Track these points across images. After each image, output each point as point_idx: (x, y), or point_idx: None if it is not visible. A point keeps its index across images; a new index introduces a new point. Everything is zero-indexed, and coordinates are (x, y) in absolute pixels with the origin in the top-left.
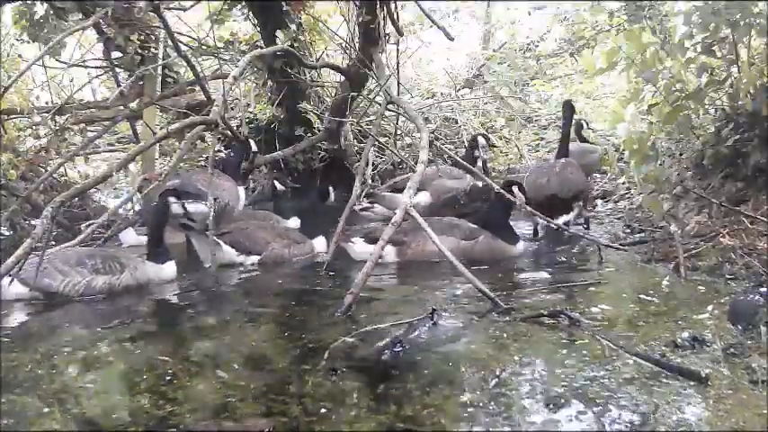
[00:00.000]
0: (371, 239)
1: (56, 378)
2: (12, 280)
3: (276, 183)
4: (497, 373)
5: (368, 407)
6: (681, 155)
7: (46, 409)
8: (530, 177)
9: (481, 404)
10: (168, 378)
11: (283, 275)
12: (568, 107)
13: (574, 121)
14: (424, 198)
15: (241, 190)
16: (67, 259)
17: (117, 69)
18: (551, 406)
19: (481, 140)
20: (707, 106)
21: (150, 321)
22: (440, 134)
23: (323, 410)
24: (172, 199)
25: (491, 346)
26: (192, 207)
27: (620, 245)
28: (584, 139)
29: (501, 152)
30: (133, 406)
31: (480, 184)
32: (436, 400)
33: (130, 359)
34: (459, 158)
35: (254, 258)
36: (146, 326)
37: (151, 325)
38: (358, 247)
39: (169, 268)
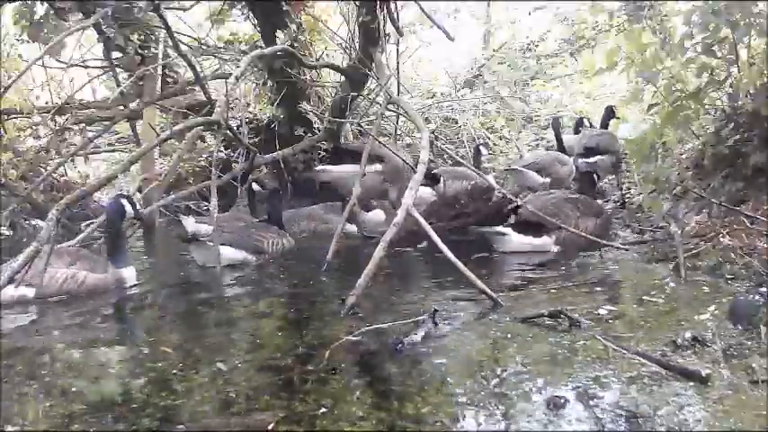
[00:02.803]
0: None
1: (60, 368)
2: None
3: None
4: (498, 373)
5: (370, 404)
6: (681, 155)
7: (53, 396)
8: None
9: (481, 404)
10: (173, 371)
11: (285, 274)
12: (609, 111)
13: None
14: (545, 180)
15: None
16: (267, 228)
17: (117, 69)
18: (551, 406)
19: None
20: (707, 106)
21: (153, 316)
22: (440, 134)
23: (325, 408)
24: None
25: (492, 346)
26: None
27: (621, 245)
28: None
29: (501, 152)
30: (138, 397)
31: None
32: (437, 399)
33: (135, 351)
34: (459, 158)
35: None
36: (148, 320)
37: (155, 319)
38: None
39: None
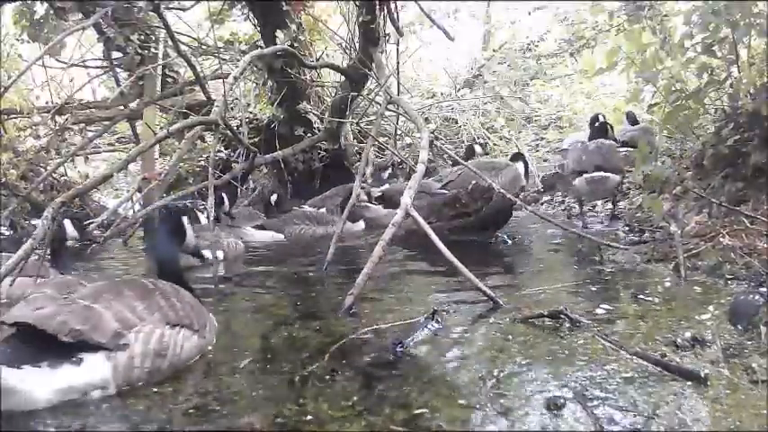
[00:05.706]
0: None
1: None
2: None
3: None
4: (497, 374)
5: (363, 408)
6: (681, 155)
7: None
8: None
9: (481, 404)
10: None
11: (284, 274)
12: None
13: None
14: None
15: None
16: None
17: (117, 69)
18: (551, 406)
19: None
20: (707, 106)
21: None
22: (440, 134)
23: (317, 410)
24: None
25: (491, 347)
26: None
27: (621, 245)
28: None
29: (501, 152)
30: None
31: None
32: (436, 400)
33: None
34: (459, 158)
35: None
36: None
37: None
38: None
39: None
